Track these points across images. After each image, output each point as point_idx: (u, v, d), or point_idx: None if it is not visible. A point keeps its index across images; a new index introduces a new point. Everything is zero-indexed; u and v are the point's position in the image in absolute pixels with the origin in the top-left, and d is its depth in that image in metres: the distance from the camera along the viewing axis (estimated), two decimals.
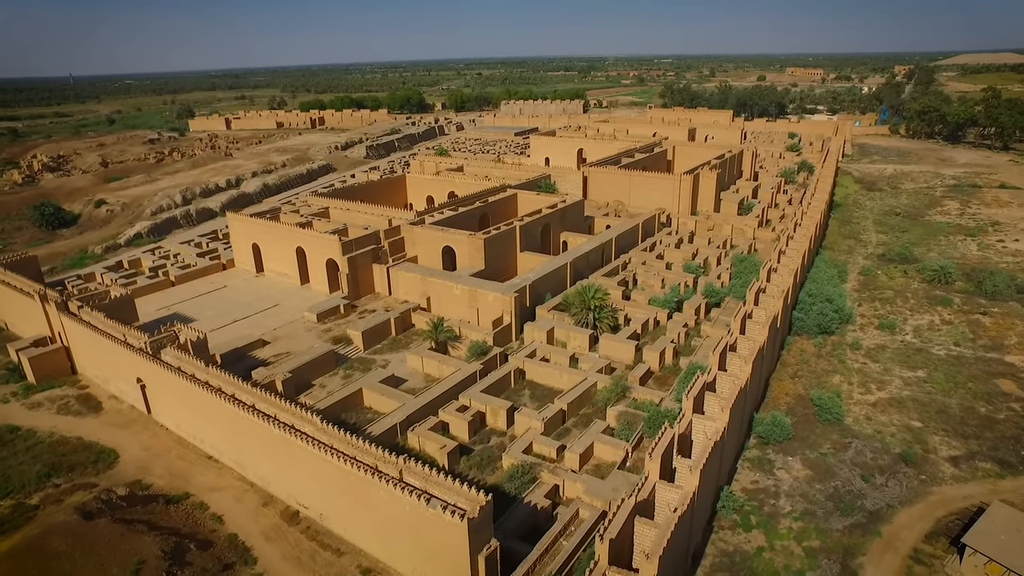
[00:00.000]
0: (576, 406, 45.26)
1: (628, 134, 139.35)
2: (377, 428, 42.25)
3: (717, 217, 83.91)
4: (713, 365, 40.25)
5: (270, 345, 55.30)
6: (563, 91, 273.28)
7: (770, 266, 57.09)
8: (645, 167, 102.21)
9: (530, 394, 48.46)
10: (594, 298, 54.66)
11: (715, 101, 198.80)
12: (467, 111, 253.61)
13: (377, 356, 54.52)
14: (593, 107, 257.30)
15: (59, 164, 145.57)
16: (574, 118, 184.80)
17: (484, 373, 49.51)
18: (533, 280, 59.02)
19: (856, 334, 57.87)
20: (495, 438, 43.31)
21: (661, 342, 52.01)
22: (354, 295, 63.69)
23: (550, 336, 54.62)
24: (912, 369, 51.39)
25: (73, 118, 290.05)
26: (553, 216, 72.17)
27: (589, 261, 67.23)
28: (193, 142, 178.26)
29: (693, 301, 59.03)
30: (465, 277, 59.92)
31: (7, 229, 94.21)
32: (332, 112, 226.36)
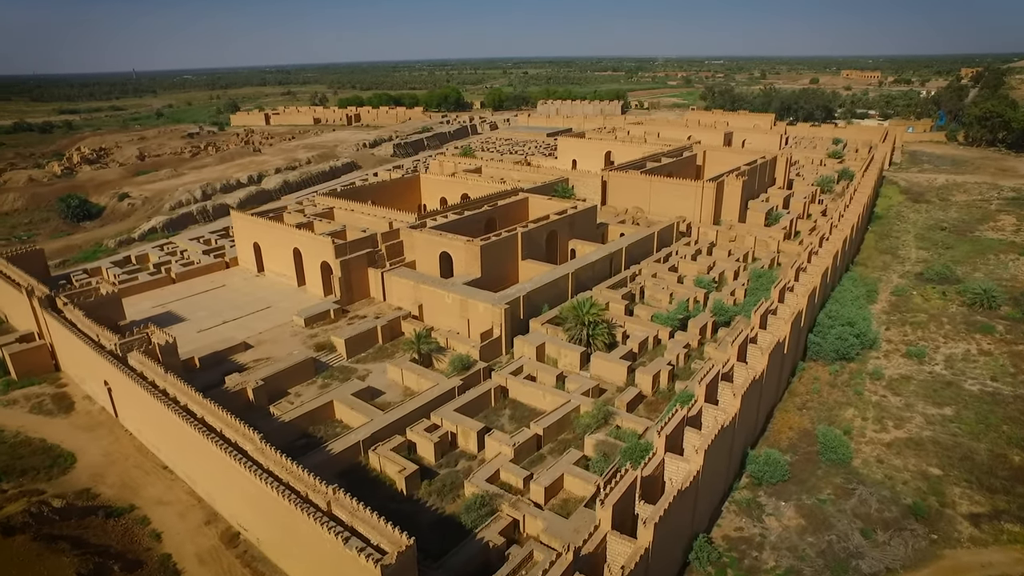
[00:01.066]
0: (554, 431, 42.10)
1: (659, 137, 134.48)
2: (339, 445, 40.08)
3: (740, 227, 79.01)
4: (699, 397, 36.53)
5: (252, 349, 53.91)
6: (603, 91, 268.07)
7: (784, 284, 52.57)
8: (671, 172, 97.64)
9: (510, 415, 45.51)
10: (589, 313, 51.26)
11: (758, 104, 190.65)
12: (504, 110, 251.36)
13: (359, 365, 52.46)
14: (634, 108, 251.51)
15: (99, 156, 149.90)
16: (609, 119, 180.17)
17: (464, 389, 46.80)
18: (529, 291, 55.99)
19: (879, 362, 52.77)
20: (463, 462, 40.56)
21: (657, 364, 48.29)
22: (347, 300, 61.91)
23: (540, 352, 51.52)
24: (938, 405, 46.20)
25: (127, 112, 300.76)
26: (560, 223, 68.87)
27: (595, 271, 63.72)
28: (230, 137, 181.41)
29: (700, 319, 54.97)
30: (458, 285, 57.33)
31: (35, 220, 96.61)
32: (368, 109, 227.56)
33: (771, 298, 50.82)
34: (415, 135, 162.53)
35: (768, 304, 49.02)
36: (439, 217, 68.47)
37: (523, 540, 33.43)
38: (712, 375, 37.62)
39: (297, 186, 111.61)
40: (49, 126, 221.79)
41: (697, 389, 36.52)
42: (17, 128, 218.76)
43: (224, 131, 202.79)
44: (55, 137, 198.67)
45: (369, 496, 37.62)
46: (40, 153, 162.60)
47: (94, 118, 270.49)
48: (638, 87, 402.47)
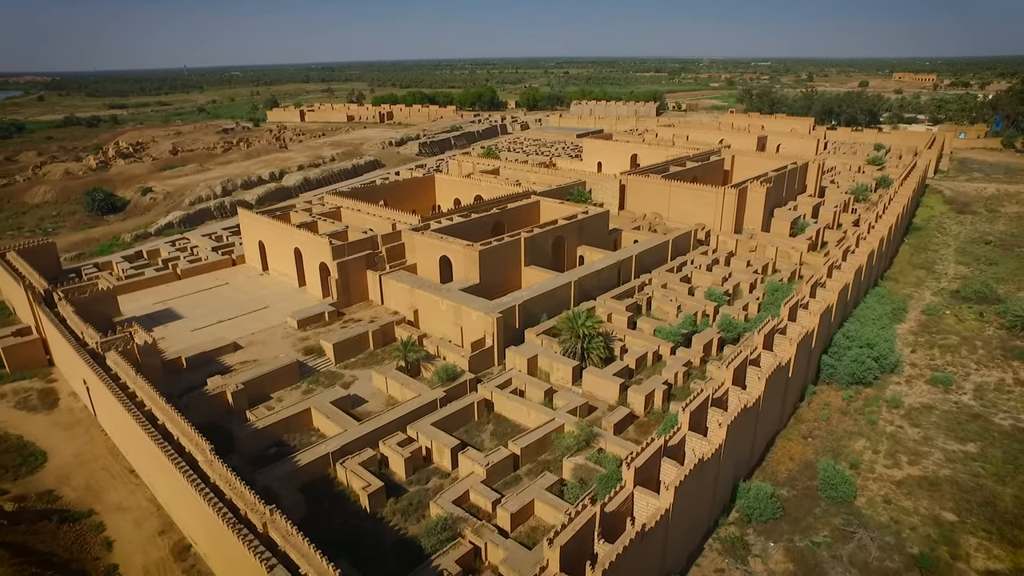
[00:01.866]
0: (534, 451, 39.80)
1: (688, 140, 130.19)
2: (307, 456, 38.64)
3: (762, 237, 75.03)
4: (683, 424, 33.75)
5: (242, 351, 53.10)
6: (640, 92, 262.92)
7: (797, 301, 49.01)
8: (696, 177, 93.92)
9: (493, 430, 43.40)
10: (584, 325, 48.71)
11: (797, 107, 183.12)
12: (539, 110, 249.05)
13: (347, 371, 51.11)
14: (671, 110, 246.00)
15: (135, 150, 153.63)
16: (642, 121, 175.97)
17: (447, 401, 44.91)
18: (526, 299, 53.74)
19: (899, 388, 48.74)
20: (436, 480, 38.64)
21: (652, 382, 45.48)
22: (344, 302, 60.76)
23: (532, 364, 49.24)
24: (961, 441, 42.14)
25: (171, 107, 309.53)
26: (568, 228, 66.35)
27: (601, 280, 61.03)
28: (263, 133, 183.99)
29: (705, 335, 51.81)
30: (454, 292, 55.48)
31: (63, 212, 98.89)
32: (401, 107, 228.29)
33: (780, 316, 47.43)
34: (442, 134, 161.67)
35: (776, 323, 45.67)
36: (444, 220, 66.78)
37: (482, 570, 31.33)
38: (700, 401, 34.74)
39: (317, 183, 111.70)
40: (96, 120, 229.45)
41: (681, 416, 33.72)
42: (67, 122, 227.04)
43: (259, 127, 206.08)
44: (99, 131, 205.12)
45: (332, 512, 36.29)
46: (82, 147, 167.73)
47: (140, 113, 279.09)
48: (679, 88, 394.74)
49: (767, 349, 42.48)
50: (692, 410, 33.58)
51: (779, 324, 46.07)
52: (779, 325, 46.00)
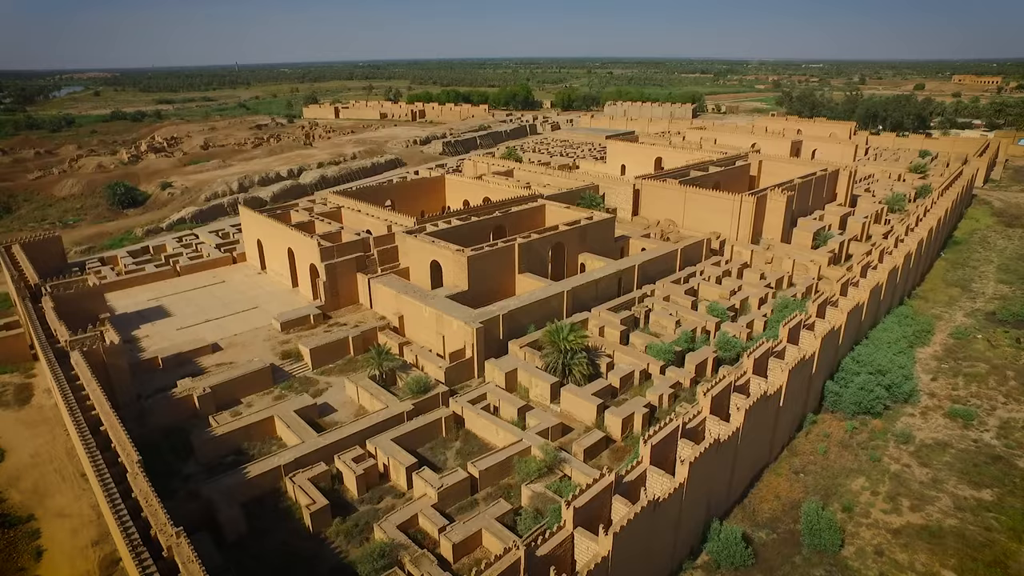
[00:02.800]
0: (496, 474, 37.33)
1: (716, 143, 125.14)
2: (257, 468, 37.11)
3: (780, 248, 70.55)
4: (643, 458, 30.78)
5: (221, 352, 52.19)
6: (678, 94, 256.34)
7: (801, 321, 45.17)
8: (718, 183, 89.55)
9: (460, 448, 41.12)
10: (567, 339, 45.92)
11: (839, 111, 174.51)
12: (573, 110, 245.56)
13: (323, 378, 49.57)
14: (710, 112, 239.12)
15: (169, 145, 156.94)
16: (675, 123, 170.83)
17: (415, 415, 42.84)
18: (513, 309, 51.22)
19: (912, 420, 44.40)
20: (389, 500, 36.61)
21: (634, 404, 42.44)
22: (332, 305, 59.37)
23: (511, 379, 46.75)
24: (975, 486, 37.81)
25: (216, 102, 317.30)
26: (568, 234, 63.49)
27: (598, 290, 58.01)
28: (294, 129, 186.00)
29: (700, 353, 48.34)
30: (439, 298, 53.39)
31: (86, 205, 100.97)
32: (434, 105, 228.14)
33: (779, 337, 43.72)
34: (469, 133, 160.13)
35: (771, 345, 42.05)
36: (441, 222, 64.78)
37: None
38: (666, 432, 31.68)
39: (335, 181, 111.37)
40: (141, 115, 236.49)
41: (642, 448, 30.74)
42: (113, 117, 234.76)
43: (292, 123, 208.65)
44: (141, 126, 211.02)
45: (276, 529, 34.61)
46: (121, 141, 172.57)
47: (184, 108, 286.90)
48: (722, 91, 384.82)
49: (758, 374, 38.99)
50: (655, 443, 30.57)
51: (775, 347, 42.46)
52: (775, 348, 42.40)
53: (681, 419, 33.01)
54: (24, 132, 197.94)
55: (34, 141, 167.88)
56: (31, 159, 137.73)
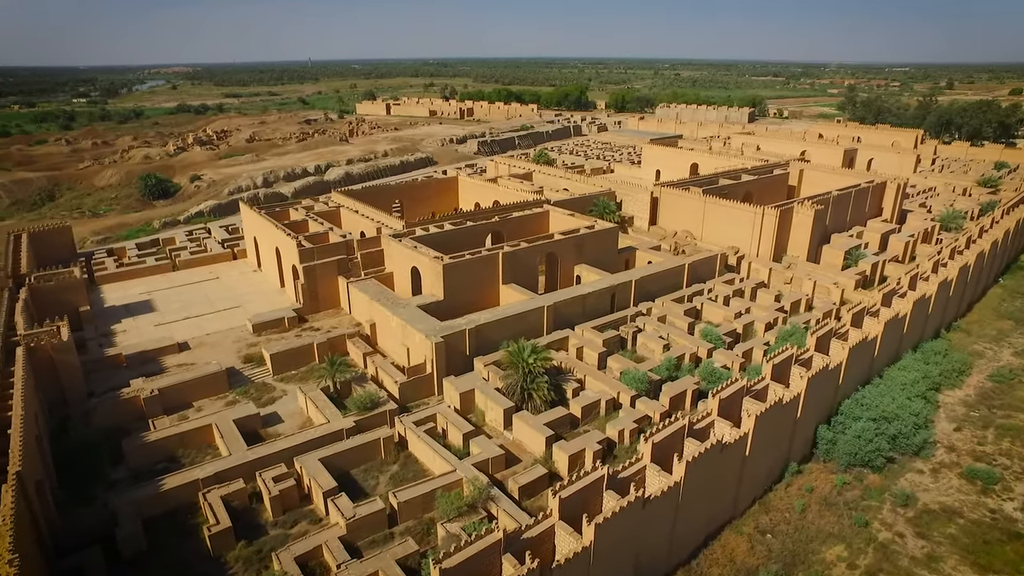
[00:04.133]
0: (419, 506, 34.20)
1: (762, 151, 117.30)
2: (174, 481, 35.46)
3: (802, 267, 64.11)
4: (552, 511, 27.00)
5: (188, 352, 51.28)
6: (738, 97, 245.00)
7: (793, 355, 39.87)
8: (750, 192, 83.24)
9: (395, 473, 38.23)
10: (527, 360, 42.26)
11: (908, 118, 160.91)
12: (627, 112, 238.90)
13: (282, 385, 47.74)
14: (771, 117, 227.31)
15: (218, 137, 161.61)
16: (726, 127, 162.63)
17: (356, 432, 40.29)
18: (483, 323, 47.93)
19: (919, 478, 38.43)
20: (304, 524, 34.16)
21: (588, 438, 38.39)
22: (311, 308, 57.73)
23: (468, 399, 43.54)
24: (981, 570, 31.93)
25: (279, 97, 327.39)
26: (563, 244, 59.53)
27: (586, 306, 53.88)
28: (342, 125, 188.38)
29: (679, 384, 43.62)
30: (410, 307, 50.70)
31: (120, 196, 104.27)
32: (482, 104, 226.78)
33: (762, 374, 38.64)
34: (508, 133, 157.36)
35: (750, 384, 37.14)
36: (432, 226, 62.10)
37: None
38: (583, 485, 27.73)
39: (360, 178, 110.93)
40: (204, 108, 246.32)
41: (551, 500, 26.94)
42: (179, 109, 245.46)
43: (342, 119, 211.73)
44: (201, 118, 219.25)
45: (177, 548, 32.64)
46: (178, 133, 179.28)
47: (249, 102, 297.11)
48: (792, 95, 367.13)
49: (723, 418, 34.24)
50: (565, 496, 26.72)
51: (754, 385, 37.46)
52: (753, 386, 37.41)
53: (608, 469, 28.95)
54: (97, 123, 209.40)
55: (98, 132, 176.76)
56: (88, 149, 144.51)
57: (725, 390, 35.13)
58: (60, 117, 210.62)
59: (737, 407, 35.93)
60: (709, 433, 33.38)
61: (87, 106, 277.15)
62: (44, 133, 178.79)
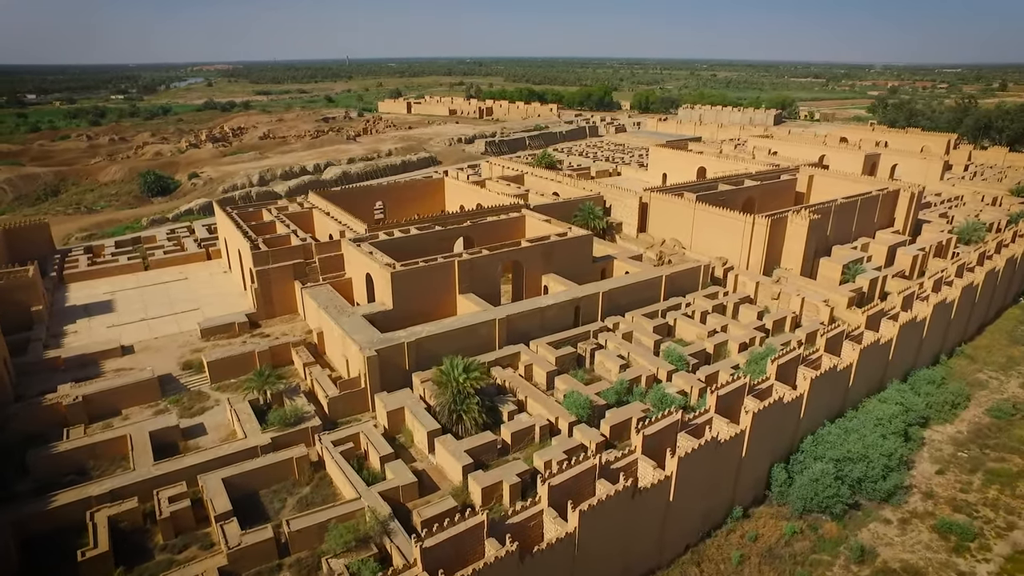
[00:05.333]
0: (315, 536, 31.58)
1: (777, 154, 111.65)
2: (65, 498, 33.63)
3: (792, 282, 59.44)
4: (415, 560, 24.04)
5: (130, 356, 49.84)
6: (767, 99, 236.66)
7: (747, 384, 36.03)
8: (751, 199, 78.69)
9: (304, 496, 35.73)
10: (458, 378, 39.32)
11: (942, 121, 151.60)
12: (651, 113, 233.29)
13: (217, 394, 45.78)
14: (802, 119, 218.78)
15: (234, 134, 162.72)
16: (747, 129, 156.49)
17: (273, 450, 38.02)
18: (424, 336, 45.15)
19: (883, 529, 34.18)
20: (193, 550, 31.85)
21: (509, 468, 35.22)
22: (266, 313, 55.88)
23: (395, 419, 40.85)
24: None
25: (308, 95, 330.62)
26: (529, 252, 56.33)
27: (545, 319, 50.58)
28: (359, 123, 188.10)
29: (626, 411, 40.06)
30: (355, 317, 48.24)
31: (121, 192, 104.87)
32: (501, 103, 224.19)
33: (706, 406, 34.90)
34: (520, 133, 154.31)
35: (687, 417, 33.50)
36: (398, 231, 59.64)
37: None
38: (453, 533, 24.66)
39: (357, 178, 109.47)
40: (231, 105, 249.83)
41: (414, 549, 23.95)
42: (206, 106, 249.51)
43: (362, 116, 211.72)
44: (227, 115, 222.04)
45: (54, 572, 30.90)
46: (199, 129, 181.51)
47: (278, 99, 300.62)
48: (830, 96, 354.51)
49: (646, 457, 30.70)
50: (428, 546, 23.72)
51: (693, 418, 33.78)
52: (693, 419, 33.72)
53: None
54: (125, 120, 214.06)
55: (120, 128, 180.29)
56: (104, 145, 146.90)
57: (656, 423, 31.61)
58: (91, 113, 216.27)
59: (672, 442, 32.31)
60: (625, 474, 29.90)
61: (123, 103, 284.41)
62: (69, 129, 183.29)
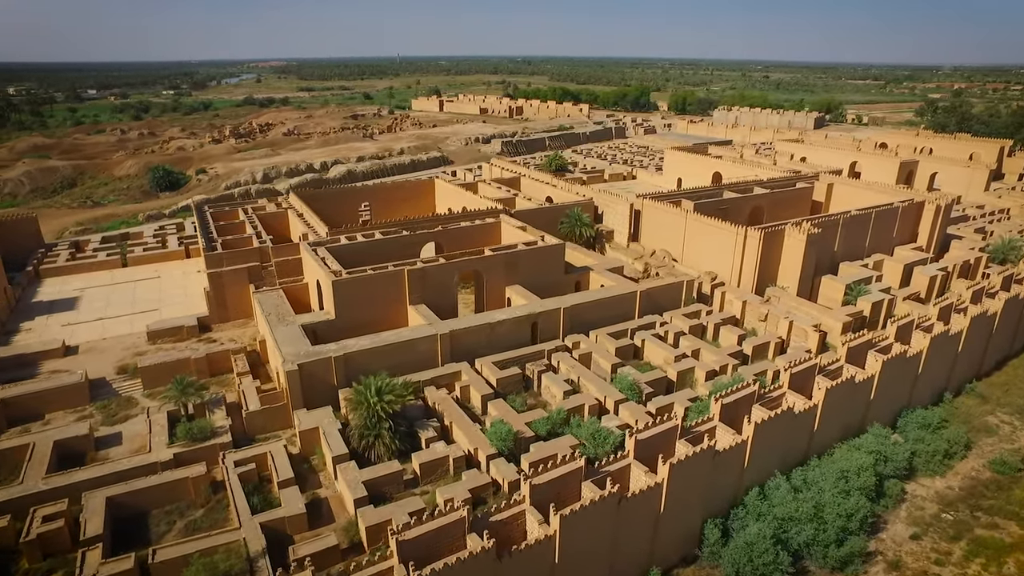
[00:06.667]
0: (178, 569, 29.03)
1: (804, 161, 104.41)
2: None
3: (785, 302, 53.92)
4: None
5: (71, 357, 48.83)
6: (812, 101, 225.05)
7: (678, 427, 31.74)
8: (759, 207, 73.20)
9: (193, 520, 33.39)
10: (371, 400, 36.25)
11: (998, 126, 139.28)
12: (688, 114, 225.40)
13: (146, 402, 44.12)
14: (849, 123, 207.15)
15: (261, 130, 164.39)
16: (781, 133, 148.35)
17: (175, 466, 35.86)
18: (356, 350, 42.35)
19: None
20: None
21: (401, 506, 31.84)
22: (219, 317, 54.20)
23: (309, 439, 38.12)
24: None
25: (349, 92, 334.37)
26: (490, 262, 52.78)
27: (494, 336, 46.99)
28: (387, 120, 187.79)
29: (551, 446, 36.04)
30: (293, 326, 45.80)
31: (131, 187, 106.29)
32: (532, 103, 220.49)
33: (625, 451, 30.78)
34: (540, 134, 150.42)
35: (601, 463, 29.53)
36: (360, 235, 57.04)
37: None
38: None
39: (362, 176, 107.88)
40: (269, 101, 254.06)
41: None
42: (245, 102, 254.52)
43: (393, 113, 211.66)
44: (262, 111, 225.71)
45: None
46: (231, 125, 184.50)
47: (317, 96, 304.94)
48: (887, 99, 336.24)
49: (533, 509, 26.92)
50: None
51: (605, 464, 29.74)
52: (605, 465, 29.69)
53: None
54: (168, 114, 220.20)
55: (155, 123, 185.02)
56: (133, 139, 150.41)
57: (553, 470, 27.78)
58: (134, 108, 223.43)
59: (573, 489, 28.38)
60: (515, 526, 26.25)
61: (171, 98, 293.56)
62: (106, 123, 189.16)
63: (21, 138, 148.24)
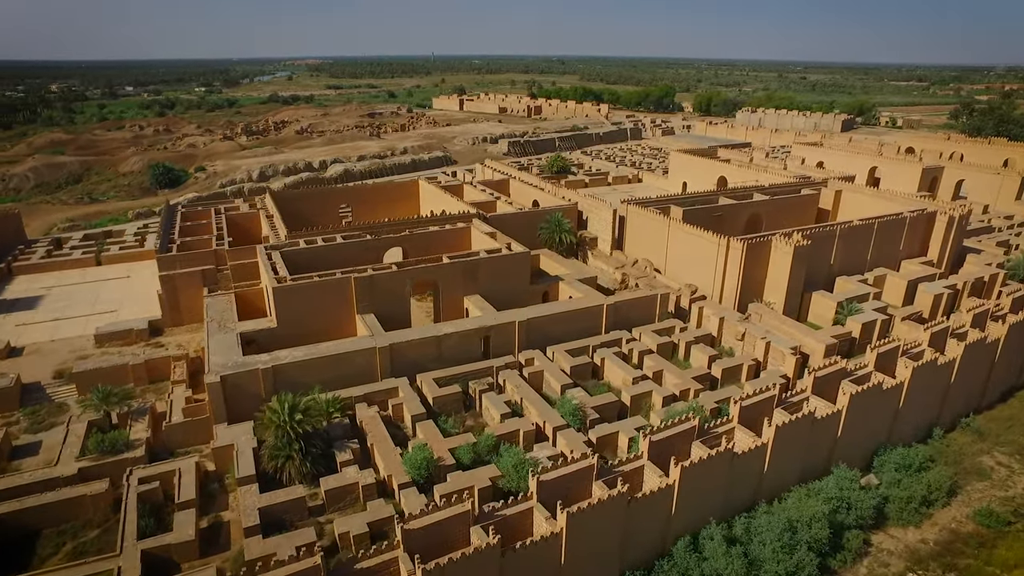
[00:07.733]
0: None
1: (819, 165, 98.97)
2: None
3: (766, 321, 49.71)
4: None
5: (14, 359, 47.80)
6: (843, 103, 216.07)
7: (594, 468, 28.53)
8: (757, 215, 68.77)
9: (81, 544, 31.49)
10: (285, 418, 33.87)
11: None
12: (712, 115, 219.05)
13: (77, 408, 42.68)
14: (882, 125, 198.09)
15: (275, 128, 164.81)
16: (802, 136, 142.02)
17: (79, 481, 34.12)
18: (285, 363, 40.11)
19: None
20: None
21: (292, 537, 29.29)
22: (172, 321, 52.73)
23: (223, 456, 35.96)
24: None
25: (375, 89, 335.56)
26: (446, 270, 49.94)
27: (442, 350, 44.23)
28: (403, 119, 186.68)
29: (468, 477, 33.04)
30: (229, 335, 43.85)
31: (132, 183, 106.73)
32: (551, 102, 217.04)
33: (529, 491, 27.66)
34: (551, 134, 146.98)
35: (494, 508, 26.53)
36: (320, 239, 54.87)
37: None
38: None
39: (360, 176, 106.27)
40: (293, 99, 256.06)
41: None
42: (270, 99, 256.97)
43: (411, 112, 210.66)
44: (286, 108, 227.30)
45: None
46: (251, 122, 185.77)
47: (344, 93, 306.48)
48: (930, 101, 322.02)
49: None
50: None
51: (498, 509, 26.70)
52: (500, 511, 26.64)
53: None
54: (192, 111, 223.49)
55: (173, 120, 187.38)
56: (148, 136, 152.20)
57: (430, 514, 24.87)
58: (160, 105, 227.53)
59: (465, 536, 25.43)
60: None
61: (201, 95, 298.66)
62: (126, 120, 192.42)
63: (41, 134, 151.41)
